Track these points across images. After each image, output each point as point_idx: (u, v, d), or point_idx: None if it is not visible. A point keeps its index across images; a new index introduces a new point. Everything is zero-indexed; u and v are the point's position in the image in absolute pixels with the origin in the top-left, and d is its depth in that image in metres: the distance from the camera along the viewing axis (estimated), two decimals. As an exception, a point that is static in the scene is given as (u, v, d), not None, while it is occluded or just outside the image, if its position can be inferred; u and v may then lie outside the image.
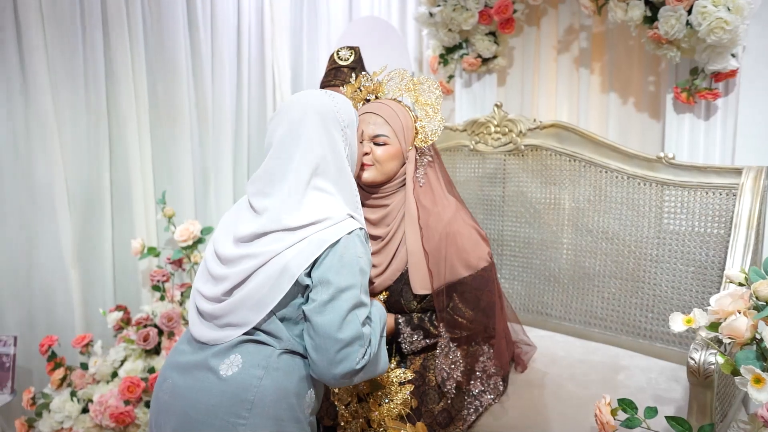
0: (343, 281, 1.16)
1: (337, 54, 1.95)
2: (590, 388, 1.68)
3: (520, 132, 2.17)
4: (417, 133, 1.52)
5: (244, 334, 1.18)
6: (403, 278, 1.50)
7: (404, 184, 1.51)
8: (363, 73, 1.77)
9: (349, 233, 1.20)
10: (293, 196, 1.21)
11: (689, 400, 1.32)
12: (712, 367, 1.24)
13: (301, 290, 1.18)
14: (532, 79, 2.57)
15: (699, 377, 1.26)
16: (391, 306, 1.54)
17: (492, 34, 2.53)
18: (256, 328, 1.18)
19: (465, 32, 2.53)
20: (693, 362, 1.26)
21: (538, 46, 2.53)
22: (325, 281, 1.16)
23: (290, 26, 3.05)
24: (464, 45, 2.59)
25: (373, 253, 1.50)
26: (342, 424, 1.51)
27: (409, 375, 1.52)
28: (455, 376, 1.52)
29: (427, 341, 1.52)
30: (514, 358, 1.77)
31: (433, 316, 1.52)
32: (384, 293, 1.54)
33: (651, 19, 1.94)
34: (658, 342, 1.91)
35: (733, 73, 1.92)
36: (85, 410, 2.03)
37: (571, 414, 1.52)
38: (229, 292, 1.20)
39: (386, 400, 1.47)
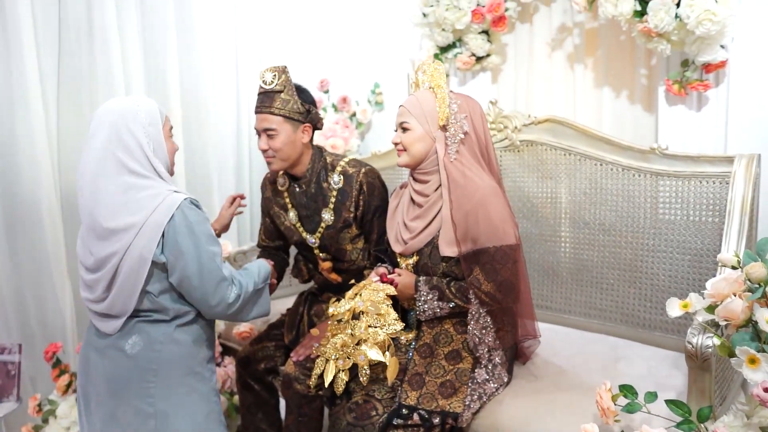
0: (186, 246, 1.43)
1: (262, 78, 1.79)
2: (591, 376, 1.69)
3: (515, 128, 2.19)
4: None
5: (137, 317, 1.48)
6: (433, 242, 1.63)
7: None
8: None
9: (179, 207, 1.42)
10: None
11: (688, 384, 1.34)
12: (710, 350, 1.26)
13: (160, 267, 1.45)
14: (526, 75, 2.59)
15: (697, 360, 1.28)
16: (419, 269, 1.66)
17: (485, 32, 2.55)
18: (141, 310, 1.47)
19: (458, 31, 2.55)
20: (691, 346, 1.28)
21: (532, 42, 2.56)
22: (178, 251, 1.43)
23: (286, 26, 3.07)
24: (458, 44, 2.61)
25: (413, 219, 1.69)
26: (329, 335, 1.57)
27: (404, 335, 1.68)
28: (486, 341, 1.58)
29: (440, 304, 1.59)
30: (517, 350, 1.79)
31: (452, 283, 1.60)
32: (414, 257, 1.68)
33: (641, 13, 1.97)
34: (657, 331, 1.93)
35: (722, 64, 1.94)
36: (91, 415, 2.05)
37: (574, 402, 1.54)
38: (108, 289, 1.46)
39: (377, 325, 1.51)
